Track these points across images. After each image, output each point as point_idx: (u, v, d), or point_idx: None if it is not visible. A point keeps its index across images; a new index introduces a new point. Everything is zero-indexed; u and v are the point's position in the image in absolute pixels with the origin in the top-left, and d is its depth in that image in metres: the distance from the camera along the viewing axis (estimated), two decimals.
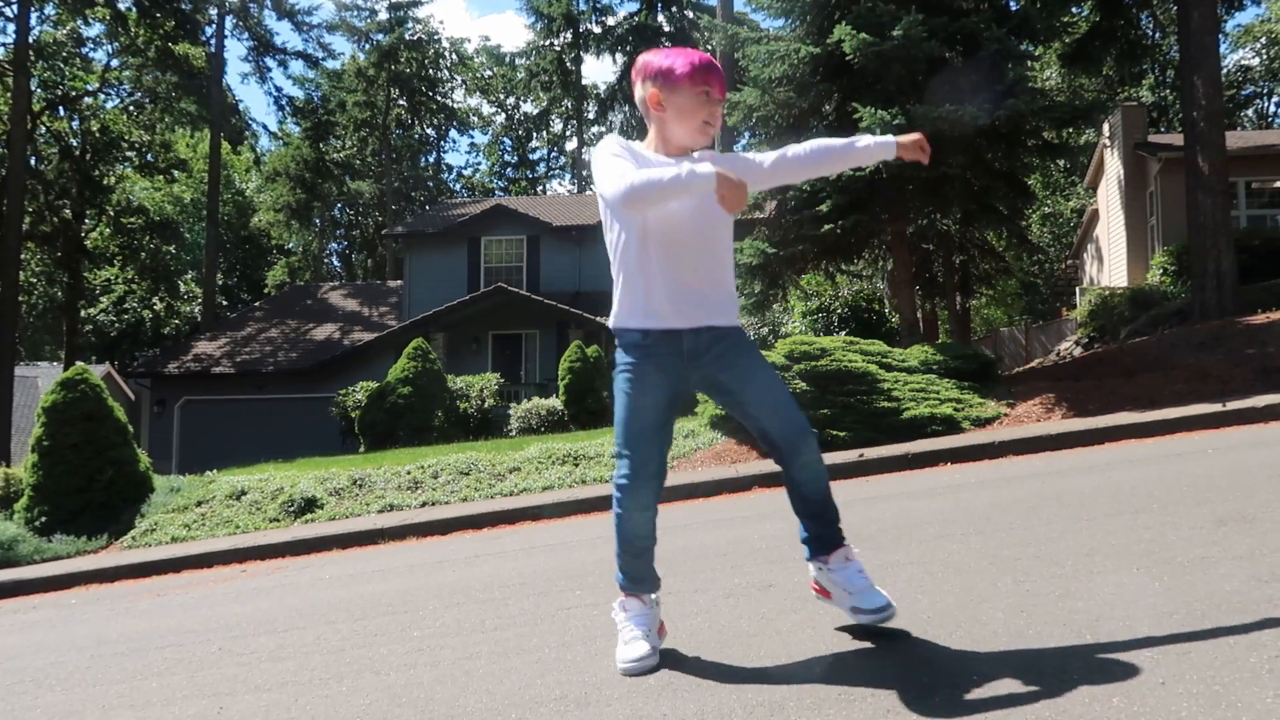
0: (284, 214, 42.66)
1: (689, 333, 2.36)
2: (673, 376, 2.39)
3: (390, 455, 11.22)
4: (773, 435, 2.40)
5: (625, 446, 2.38)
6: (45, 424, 8.79)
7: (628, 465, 2.37)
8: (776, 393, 2.40)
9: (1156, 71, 30.78)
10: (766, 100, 10.86)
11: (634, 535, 2.45)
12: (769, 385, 2.40)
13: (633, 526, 2.43)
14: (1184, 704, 1.73)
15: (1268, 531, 2.98)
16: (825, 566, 2.45)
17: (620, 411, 2.39)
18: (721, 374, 2.40)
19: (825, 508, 2.45)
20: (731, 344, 2.40)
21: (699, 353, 2.38)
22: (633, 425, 2.37)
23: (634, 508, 2.40)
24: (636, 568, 2.49)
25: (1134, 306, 14.01)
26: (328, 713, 2.46)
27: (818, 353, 8.37)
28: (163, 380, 23.14)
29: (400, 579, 4.86)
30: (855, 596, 2.37)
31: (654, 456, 2.38)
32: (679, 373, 2.39)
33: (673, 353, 2.37)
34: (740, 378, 2.40)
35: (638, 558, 2.48)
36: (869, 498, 5.37)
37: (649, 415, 2.38)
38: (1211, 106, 11.34)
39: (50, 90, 27.78)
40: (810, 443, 2.40)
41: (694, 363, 2.39)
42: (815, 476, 2.42)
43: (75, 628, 4.81)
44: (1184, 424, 6.63)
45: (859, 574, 2.41)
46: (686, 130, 2.39)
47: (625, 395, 2.39)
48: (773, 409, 2.39)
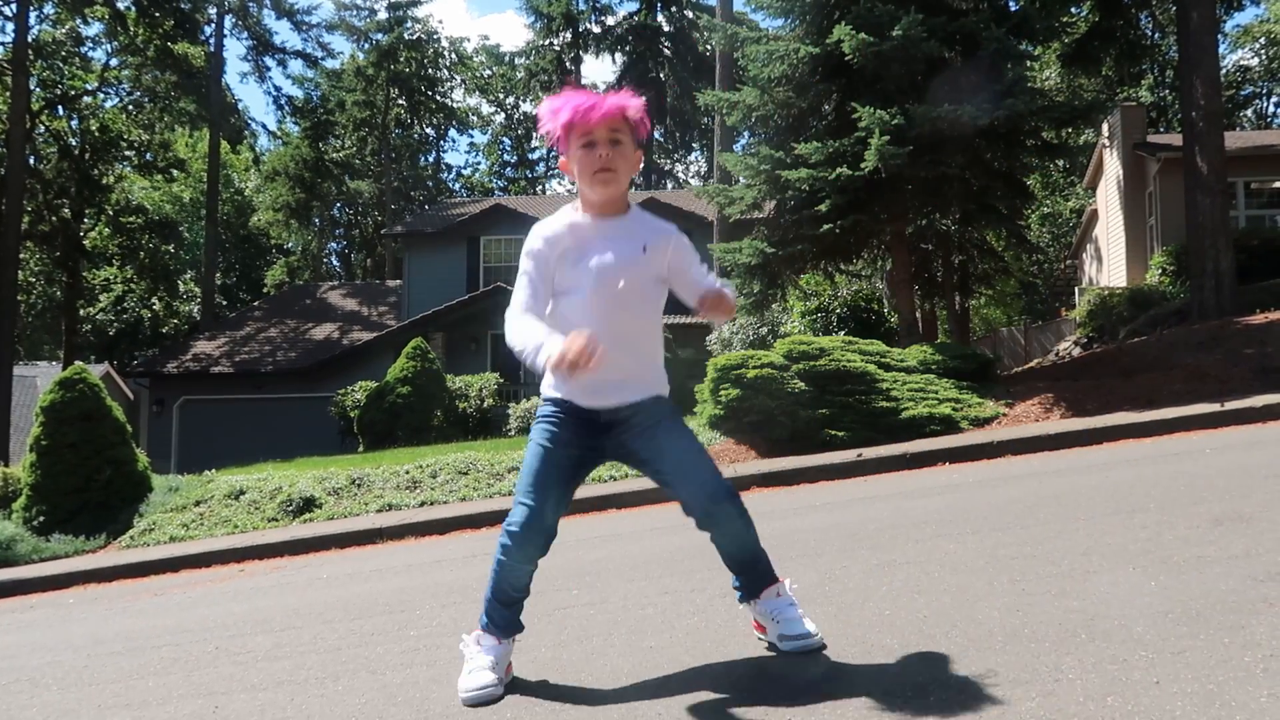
0: (283, 213, 42.64)
1: (606, 410, 2.34)
2: (587, 440, 2.35)
3: (389, 455, 11.22)
4: (689, 506, 2.35)
5: (526, 495, 2.32)
6: (43, 423, 8.78)
7: (524, 513, 2.30)
8: (692, 462, 2.34)
9: (1156, 72, 30.78)
10: (766, 100, 10.86)
11: (510, 586, 2.39)
12: (685, 455, 2.34)
13: (512, 577, 2.38)
14: (1178, 703, 1.73)
15: (1264, 531, 2.98)
16: (756, 603, 2.44)
17: (529, 460, 2.35)
18: (635, 443, 2.35)
19: (754, 563, 2.42)
20: (649, 414, 2.35)
21: (616, 424, 2.35)
22: (540, 474, 2.32)
23: (519, 559, 2.35)
24: (504, 616, 2.42)
25: (1133, 306, 14.01)
26: (323, 712, 2.46)
27: (816, 352, 8.37)
28: (161, 380, 23.14)
29: (398, 578, 4.86)
30: (782, 625, 2.36)
31: (551, 510, 2.32)
32: (594, 440, 2.36)
33: (590, 421, 2.35)
34: (655, 448, 2.34)
35: (508, 607, 2.42)
36: (867, 497, 5.37)
37: (558, 469, 2.33)
38: (1210, 107, 11.34)
39: (49, 89, 27.76)
40: (726, 511, 2.33)
41: (609, 433, 2.35)
42: (735, 542, 2.39)
43: (72, 627, 4.81)
44: (1182, 424, 6.63)
45: (789, 605, 2.40)
46: (586, 185, 2.30)
47: (538, 445, 2.35)
48: (686, 479, 2.33)
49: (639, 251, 2.32)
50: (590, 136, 2.25)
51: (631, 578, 3.73)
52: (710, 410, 8.41)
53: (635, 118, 2.31)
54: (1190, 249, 11.73)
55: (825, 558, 3.54)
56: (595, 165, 2.26)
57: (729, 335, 14.10)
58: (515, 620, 2.46)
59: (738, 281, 11.52)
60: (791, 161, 10.12)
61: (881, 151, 9.12)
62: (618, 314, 2.30)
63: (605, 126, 2.25)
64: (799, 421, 7.87)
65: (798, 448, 7.75)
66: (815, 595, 2.94)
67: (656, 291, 2.39)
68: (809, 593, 2.99)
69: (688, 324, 19.73)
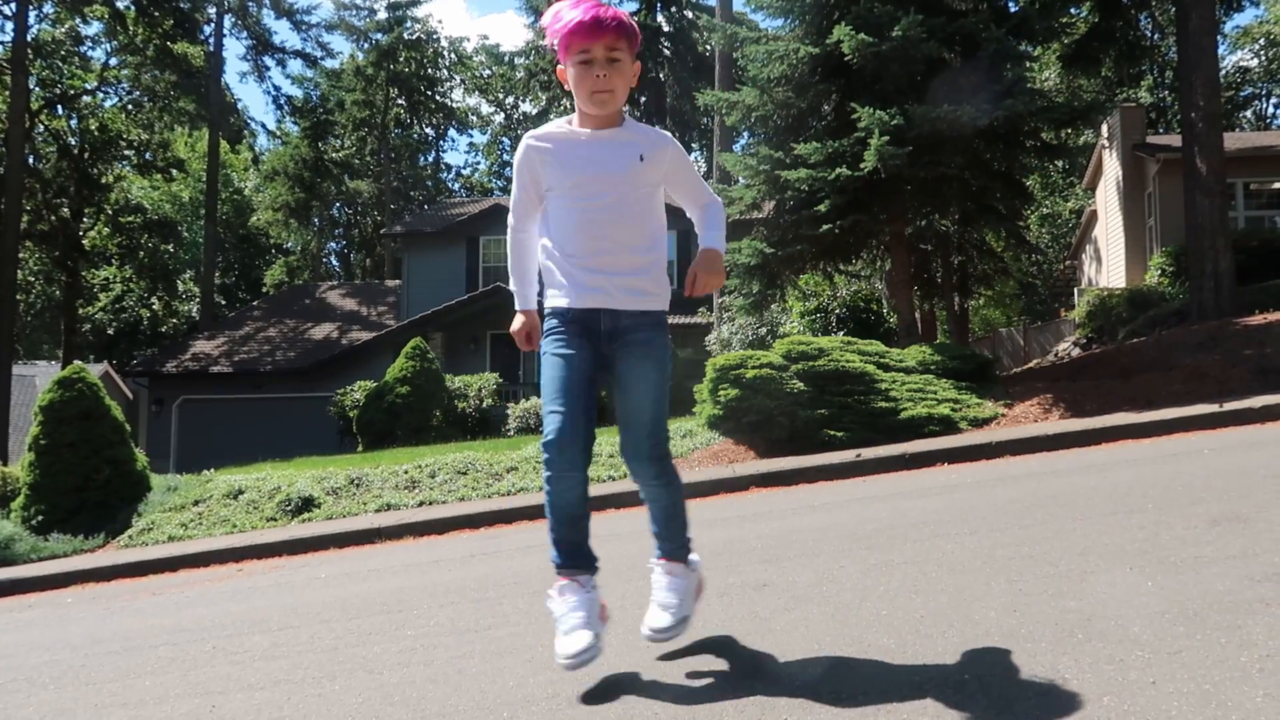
0: (283, 213, 42.63)
1: (608, 314, 2.33)
2: (592, 347, 2.34)
3: (388, 455, 11.22)
4: (622, 444, 2.41)
5: (555, 402, 2.28)
6: (42, 423, 8.78)
7: (558, 420, 2.26)
8: (635, 405, 2.35)
9: (1155, 72, 30.79)
10: (765, 100, 10.86)
11: (564, 501, 2.33)
12: (634, 395, 2.35)
13: (562, 490, 2.31)
14: (1174, 703, 1.73)
15: (1261, 532, 2.98)
16: (655, 565, 2.53)
17: (548, 370, 2.33)
18: (620, 362, 2.35)
19: (667, 525, 2.51)
20: (645, 343, 2.36)
21: (615, 335, 2.35)
22: (564, 380, 2.30)
23: (564, 466, 2.28)
24: (572, 539, 2.35)
25: (1132, 307, 14.02)
26: (320, 711, 2.46)
27: (816, 353, 8.37)
28: (161, 379, 23.13)
29: (396, 578, 4.86)
30: (656, 612, 2.43)
31: (583, 413, 2.28)
32: (596, 348, 2.35)
33: (593, 329, 2.34)
34: (625, 373, 2.35)
35: (572, 526, 2.35)
36: (865, 498, 5.37)
37: (578, 373, 2.31)
38: (1210, 108, 11.35)
39: (48, 89, 27.75)
40: (645, 470, 2.40)
41: (609, 343, 2.35)
42: (653, 499, 2.49)
43: (70, 626, 4.81)
44: (1181, 424, 6.63)
45: (667, 590, 2.46)
46: (582, 100, 2.31)
47: (553, 355, 2.33)
48: (624, 421, 2.37)
49: (635, 160, 2.34)
50: (589, 54, 2.26)
51: (629, 578, 3.72)
52: (709, 410, 8.41)
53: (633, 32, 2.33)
54: (1189, 250, 11.73)
55: (823, 557, 3.54)
56: (593, 86, 2.27)
57: (728, 335, 14.11)
58: (587, 549, 2.39)
59: (736, 281, 11.53)
60: (791, 162, 10.12)
61: (881, 152, 9.12)
62: (617, 222, 2.32)
63: (603, 45, 2.25)
64: (798, 422, 7.87)
65: (797, 448, 7.75)
66: (813, 595, 2.94)
67: (654, 198, 2.41)
68: (806, 592, 2.99)
69: (687, 324, 19.73)
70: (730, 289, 12.10)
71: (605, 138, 2.34)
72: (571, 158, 2.33)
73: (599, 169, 2.31)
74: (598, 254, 2.31)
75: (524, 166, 2.40)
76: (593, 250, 2.32)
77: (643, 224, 2.38)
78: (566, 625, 2.30)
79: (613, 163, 2.32)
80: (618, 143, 2.35)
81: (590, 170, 2.31)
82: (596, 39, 2.24)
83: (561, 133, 2.37)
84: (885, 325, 13.20)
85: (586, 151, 2.33)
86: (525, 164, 2.39)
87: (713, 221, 2.50)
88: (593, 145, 2.34)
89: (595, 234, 2.31)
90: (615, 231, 2.32)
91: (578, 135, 2.36)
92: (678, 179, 2.46)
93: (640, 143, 2.36)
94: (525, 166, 2.39)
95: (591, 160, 2.32)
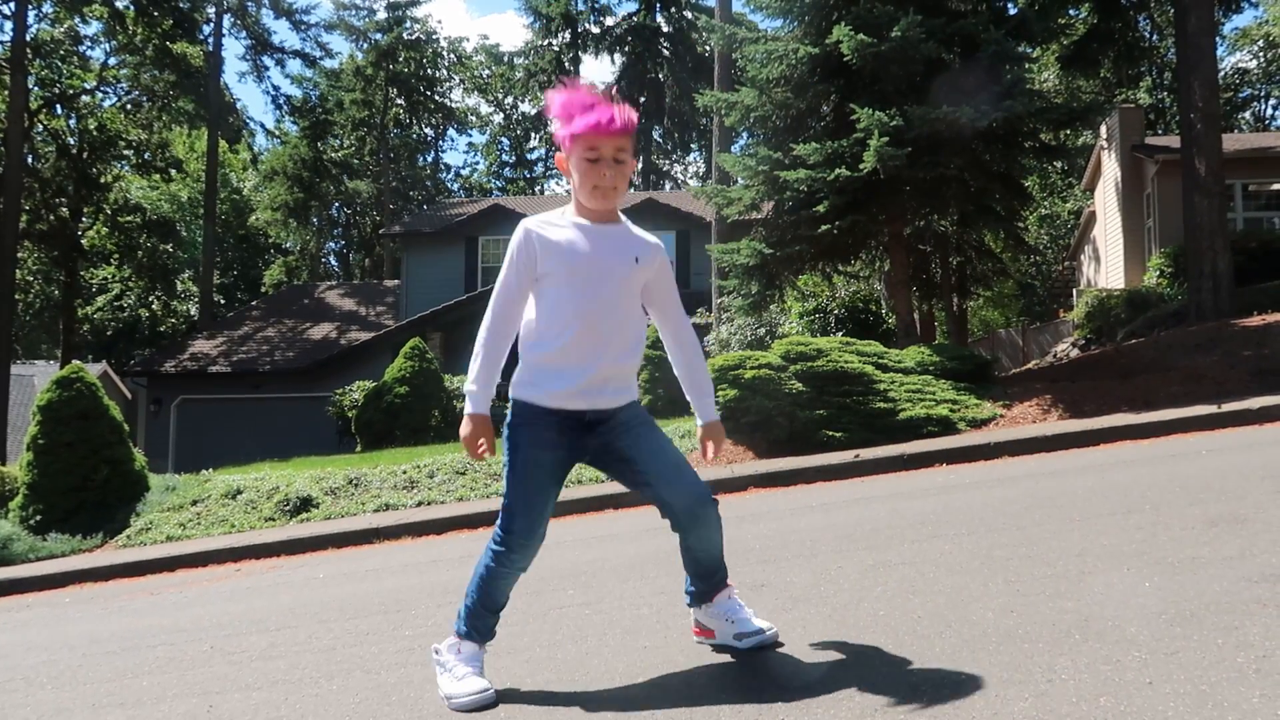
0: (281, 213, 42.59)
1: (593, 411, 2.34)
2: (570, 439, 2.34)
3: (387, 455, 11.22)
4: (673, 505, 2.35)
5: (521, 506, 2.32)
6: (40, 422, 8.77)
7: (523, 525, 2.31)
8: (675, 460, 2.36)
9: (1154, 74, 30.81)
10: (764, 100, 10.85)
11: (500, 593, 2.39)
12: (673, 455, 2.37)
13: (503, 585, 2.38)
14: (1171, 704, 1.73)
15: (1258, 532, 2.98)
16: (708, 606, 2.48)
17: (519, 469, 2.33)
18: (621, 441, 2.35)
19: (715, 570, 2.46)
20: (632, 413, 2.38)
21: (600, 423, 2.35)
22: (532, 484, 2.32)
23: (516, 567, 2.36)
24: (488, 624, 2.41)
25: (1131, 308, 14.02)
26: (317, 711, 2.46)
27: (814, 353, 8.37)
28: (159, 379, 23.11)
29: (394, 578, 4.86)
30: (737, 624, 2.41)
31: (546, 518, 2.34)
32: (577, 438, 2.35)
33: (576, 420, 2.34)
34: (641, 447, 2.35)
35: (494, 614, 2.41)
36: (864, 498, 5.37)
37: (548, 476, 2.34)
38: (1208, 109, 11.36)
39: (48, 88, 27.72)
40: (709, 513, 2.36)
41: (592, 431, 2.35)
42: (710, 547, 2.41)
43: (68, 626, 4.80)
44: (1179, 425, 6.63)
45: (740, 605, 2.46)
46: (584, 193, 2.31)
47: (525, 453, 2.33)
48: (671, 479, 2.34)
49: (631, 261, 2.34)
50: (598, 152, 2.26)
51: (626, 578, 3.73)
52: None
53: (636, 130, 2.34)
54: (1188, 251, 11.74)
55: (821, 558, 3.54)
56: (597, 182, 2.27)
57: (727, 336, 14.10)
58: (494, 628, 2.45)
59: (735, 282, 11.53)
60: (790, 162, 10.12)
61: (880, 152, 9.12)
62: (608, 318, 2.32)
63: (614, 145, 2.26)
64: (797, 422, 7.87)
65: (795, 448, 7.75)
66: (810, 595, 2.95)
67: (638, 300, 2.42)
68: (804, 592, 2.99)
69: None
70: (729, 289, 12.10)
71: (607, 232, 2.35)
72: (574, 248, 2.31)
73: (600, 262, 2.31)
74: (593, 347, 2.29)
75: (522, 250, 2.32)
76: (589, 343, 2.29)
77: (631, 324, 2.38)
78: (460, 672, 2.34)
79: (612, 258, 2.33)
80: (618, 239, 2.36)
81: (593, 262, 2.30)
82: (609, 139, 2.25)
83: (562, 223, 2.35)
84: (884, 326, 13.19)
85: (589, 243, 2.32)
86: (524, 248, 2.32)
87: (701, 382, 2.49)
88: (595, 238, 2.33)
89: (591, 325, 2.29)
90: (608, 326, 2.32)
91: (581, 224, 2.34)
92: (660, 288, 2.44)
93: (636, 245, 2.38)
94: (524, 251, 2.32)
95: (594, 252, 2.31)
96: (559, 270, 2.31)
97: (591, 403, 2.33)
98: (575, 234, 2.32)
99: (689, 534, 2.38)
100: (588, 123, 2.23)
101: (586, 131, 2.23)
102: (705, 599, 2.48)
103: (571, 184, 2.35)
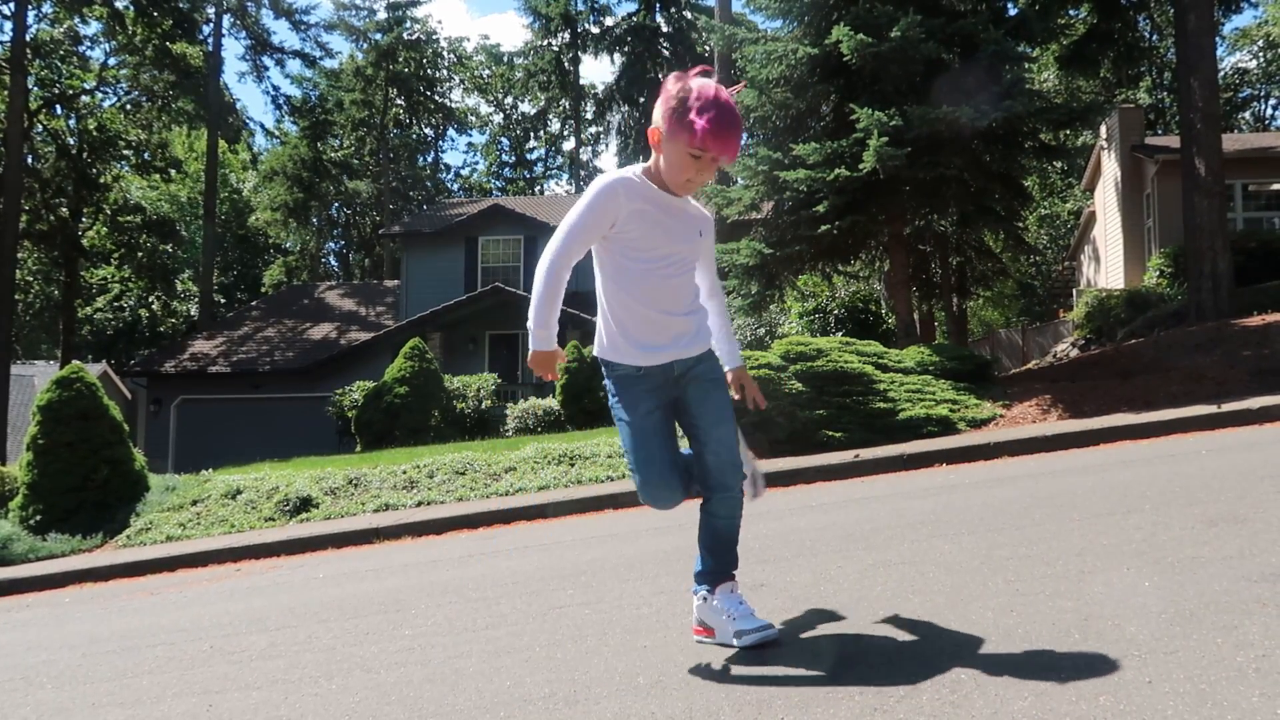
0: (281, 213, 42.60)
1: (679, 363, 2.50)
2: (663, 394, 2.52)
3: (386, 455, 11.22)
4: (710, 463, 2.49)
5: (640, 468, 2.49)
6: (40, 422, 8.77)
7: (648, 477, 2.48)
8: (727, 426, 2.50)
9: (1154, 74, 30.82)
10: (764, 100, 10.86)
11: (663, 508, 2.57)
12: (724, 416, 2.51)
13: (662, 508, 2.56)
14: (1170, 702, 1.73)
15: (1258, 532, 2.98)
16: (710, 598, 2.53)
17: (625, 439, 2.52)
18: (690, 391, 2.51)
19: (732, 544, 2.56)
20: (707, 368, 2.54)
21: (685, 375, 2.52)
22: (641, 444, 2.48)
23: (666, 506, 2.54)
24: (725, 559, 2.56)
25: (1130, 308, 14.03)
26: (317, 710, 2.46)
27: (814, 353, 8.37)
28: (159, 379, 23.11)
29: (394, 578, 4.86)
30: (737, 621, 2.45)
31: (665, 463, 2.48)
32: (667, 391, 2.52)
33: (665, 379, 2.51)
34: (702, 400, 2.50)
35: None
36: (863, 498, 5.37)
37: (653, 435, 2.49)
38: (1208, 109, 11.36)
39: (47, 88, 27.72)
40: (736, 482, 2.50)
41: (679, 383, 2.52)
42: (732, 513, 2.54)
43: (68, 626, 4.80)
44: (1179, 425, 6.63)
45: (741, 602, 2.50)
46: (671, 178, 2.40)
47: (626, 418, 2.50)
48: (719, 439, 2.48)
49: (696, 235, 2.52)
50: (703, 154, 2.31)
51: (626, 578, 3.73)
52: None
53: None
54: (1188, 251, 11.74)
55: (820, 557, 3.54)
56: (688, 177, 2.37)
57: None
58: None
59: (735, 282, 11.53)
60: (790, 162, 10.13)
61: (880, 152, 9.13)
62: (676, 281, 2.48)
63: (723, 154, 2.32)
64: (796, 422, 7.87)
65: (795, 448, 7.75)
66: (810, 595, 2.95)
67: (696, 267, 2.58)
68: (803, 592, 2.99)
69: None
70: (729, 289, 12.10)
71: (682, 208, 2.49)
72: (659, 223, 2.43)
73: (679, 238, 2.47)
74: (672, 313, 2.47)
75: (608, 205, 2.38)
76: (669, 310, 2.47)
77: (691, 286, 2.57)
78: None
79: (682, 232, 2.48)
80: (689, 215, 2.51)
81: (669, 237, 2.45)
82: (723, 148, 2.30)
83: (650, 192, 2.42)
84: (884, 326, 13.20)
85: (668, 218, 2.44)
86: (610, 204, 2.38)
87: (730, 332, 2.75)
88: (672, 213, 2.46)
89: (664, 292, 2.46)
90: (676, 290, 2.49)
91: (661, 200, 2.43)
92: (707, 253, 2.62)
93: (700, 220, 2.54)
94: (609, 206, 2.38)
95: (670, 228, 2.45)
96: (636, 239, 2.41)
97: (674, 355, 2.48)
98: (655, 208, 2.42)
99: (714, 498, 2.50)
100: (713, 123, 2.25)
101: (716, 137, 2.26)
102: (713, 580, 2.53)
103: (658, 157, 2.40)
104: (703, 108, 2.25)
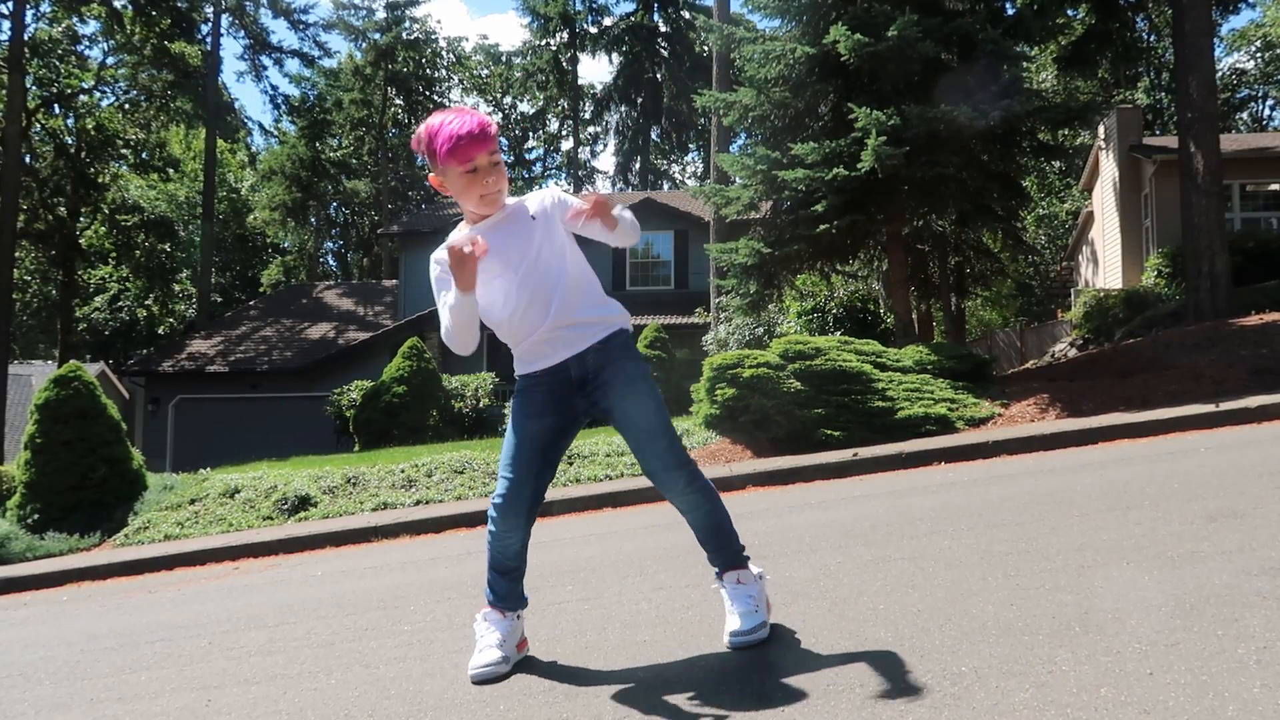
0: (280, 213, 42.56)
1: (574, 360, 2.42)
2: (562, 403, 2.45)
3: (385, 454, 11.20)
4: (644, 468, 2.48)
5: (504, 469, 2.47)
6: (38, 421, 8.76)
7: (503, 485, 2.45)
8: (647, 426, 2.43)
9: (1152, 74, 30.86)
10: (762, 100, 10.86)
11: (502, 555, 2.52)
12: (638, 418, 2.43)
13: (501, 547, 2.50)
14: (1171, 694, 1.73)
15: (1258, 527, 2.98)
16: (720, 584, 2.54)
17: (507, 435, 2.50)
18: (603, 400, 2.44)
19: (713, 535, 2.52)
20: (620, 369, 2.43)
21: (586, 379, 2.43)
22: (514, 449, 2.46)
23: (504, 528, 2.47)
24: (502, 586, 2.54)
25: (1129, 308, 14.04)
26: (316, 705, 2.45)
27: (813, 352, 8.37)
28: (157, 379, 23.09)
29: (392, 575, 4.85)
30: (732, 618, 2.43)
31: (528, 481, 2.44)
32: (569, 401, 2.45)
33: (564, 381, 2.44)
34: (616, 405, 2.43)
35: (504, 576, 2.54)
36: (862, 496, 5.38)
37: (531, 442, 2.45)
38: (1206, 109, 11.37)
39: (45, 88, 27.69)
40: (675, 480, 2.45)
41: (582, 391, 2.44)
42: (691, 509, 2.50)
43: (66, 624, 4.79)
44: (1177, 424, 6.64)
45: (747, 598, 2.47)
46: (473, 203, 2.40)
47: (512, 421, 2.49)
48: (641, 443, 2.44)
49: (530, 223, 2.43)
50: (475, 163, 2.32)
51: (626, 574, 3.73)
52: (706, 410, 8.41)
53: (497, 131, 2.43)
54: (1186, 251, 11.75)
55: (820, 554, 3.54)
56: (483, 190, 2.36)
57: (725, 336, 14.11)
58: (516, 592, 2.57)
59: (733, 282, 11.53)
60: (788, 162, 10.13)
61: (878, 152, 9.13)
62: (538, 286, 2.41)
63: (486, 153, 2.32)
64: (795, 421, 7.87)
65: (794, 447, 7.75)
66: (809, 590, 2.95)
67: (562, 244, 2.46)
68: (803, 588, 2.99)
69: (684, 325, 19.74)
70: (727, 289, 12.10)
71: (502, 217, 2.45)
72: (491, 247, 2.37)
73: (509, 244, 2.40)
74: (539, 312, 2.40)
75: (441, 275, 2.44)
76: (535, 311, 2.41)
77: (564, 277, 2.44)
78: (482, 643, 2.50)
79: (516, 234, 2.42)
80: (513, 218, 2.45)
81: (509, 246, 2.40)
82: (481, 149, 2.31)
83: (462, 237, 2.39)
84: (882, 325, 13.20)
85: (498, 235, 2.40)
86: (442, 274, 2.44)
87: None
88: (499, 226, 2.43)
89: (529, 298, 2.40)
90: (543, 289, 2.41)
91: (487, 225, 2.43)
92: (564, 207, 2.47)
93: (524, 208, 2.47)
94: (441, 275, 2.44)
95: (506, 241, 2.40)
96: (491, 268, 2.39)
97: (568, 350, 2.41)
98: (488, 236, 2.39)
99: (670, 499, 2.50)
100: (451, 139, 2.29)
101: (454, 148, 2.30)
102: (722, 567, 2.53)
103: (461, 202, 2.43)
104: (436, 135, 2.33)
